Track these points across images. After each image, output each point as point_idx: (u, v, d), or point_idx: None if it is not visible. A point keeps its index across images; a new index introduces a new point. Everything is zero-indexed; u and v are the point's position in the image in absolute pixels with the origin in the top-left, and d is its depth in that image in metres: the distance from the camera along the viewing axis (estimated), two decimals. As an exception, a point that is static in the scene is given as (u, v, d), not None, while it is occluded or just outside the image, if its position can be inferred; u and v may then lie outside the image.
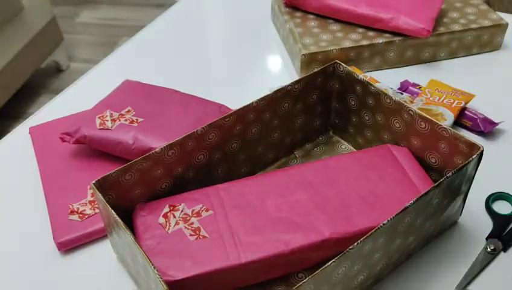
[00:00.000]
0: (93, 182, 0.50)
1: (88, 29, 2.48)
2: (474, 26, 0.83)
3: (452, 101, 0.71)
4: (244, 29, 0.96)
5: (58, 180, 0.64)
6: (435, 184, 0.48)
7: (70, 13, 2.57)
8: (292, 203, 0.54)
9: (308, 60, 0.79)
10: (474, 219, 0.59)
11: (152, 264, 0.42)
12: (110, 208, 0.47)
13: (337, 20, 0.85)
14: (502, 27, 0.84)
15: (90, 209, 0.60)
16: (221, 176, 0.61)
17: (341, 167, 0.58)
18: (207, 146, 0.58)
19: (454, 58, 0.86)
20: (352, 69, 0.64)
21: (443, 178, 0.49)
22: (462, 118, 0.71)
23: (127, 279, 0.55)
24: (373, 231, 0.45)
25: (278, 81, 0.76)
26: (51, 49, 2.07)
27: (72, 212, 0.60)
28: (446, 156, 0.56)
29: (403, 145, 0.61)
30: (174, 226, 0.52)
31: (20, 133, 0.73)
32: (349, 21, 0.84)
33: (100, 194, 0.48)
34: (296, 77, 0.82)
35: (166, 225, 0.52)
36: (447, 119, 0.69)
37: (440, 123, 0.55)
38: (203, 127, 0.56)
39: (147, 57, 0.90)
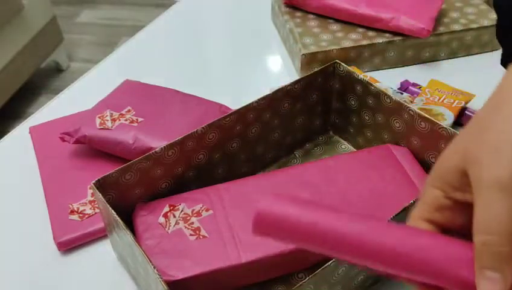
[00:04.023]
0: (93, 181, 0.50)
1: (88, 29, 2.48)
2: (474, 26, 0.83)
3: (452, 101, 0.71)
4: (244, 29, 0.95)
5: (58, 180, 0.64)
6: (435, 184, 0.48)
7: (70, 13, 2.57)
8: (292, 203, 0.53)
9: (308, 60, 0.79)
10: (474, 218, 0.59)
11: (152, 264, 0.42)
12: (110, 208, 0.47)
13: (337, 20, 0.85)
14: (502, 27, 0.84)
15: (90, 209, 0.60)
16: (221, 176, 0.61)
17: (341, 166, 0.58)
18: (207, 146, 0.58)
19: (454, 58, 0.86)
20: (352, 68, 0.64)
21: (443, 178, 0.49)
22: (462, 118, 0.71)
23: (127, 279, 0.55)
24: (373, 230, 0.45)
25: (278, 81, 0.76)
26: (51, 49, 2.07)
27: (72, 212, 0.60)
28: (446, 156, 0.56)
29: (403, 145, 0.61)
30: (174, 226, 0.52)
31: (20, 133, 0.73)
32: (349, 21, 0.84)
33: (100, 194, 0.48)
34: (296, 77, 0.82)
35: (166, 224, 0.52)
36: (447, 119, 0.69)
37: (440, 123, 0.55)
38: (203, 127, 0.56)
39: (147, 57, 0.90)
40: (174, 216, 0.53)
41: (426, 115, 0.56)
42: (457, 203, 0.31)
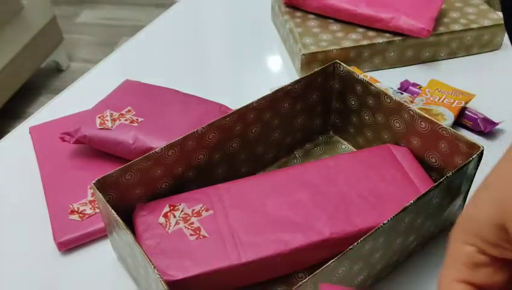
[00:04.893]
0: (94, 181, 0.50)
1: (88, 29, 2.48)
2: (474, 26, 0.83)
3: (452, 101, 0.71)
4: (244, 29, 0.96)
5: (58, 180, 0.64)
6: (435, 184, 0.48)
7: (70, 13, 2.58)
8: (292, 203, 0.54)
9: (308, 60, 0.79)
10: (474, 218, 0.59)
11: (152, 264, 0.42)
12: (110, 208, 0.47)
13: (337, 20, 0.85)
14: (502, 27, 0.84)
15: (91, 209, 0.60)
16: (221, 176, 0.61)
17: (341, 166, 0.58)
18: (207, 146, 0.58)
19: (454, 58, 0.86)
20: (352, 68, 0.64)
21: (443, 178, 0.49)
22: (462, 118, 0.71)
23: (127, 279, 0.55)
24: (373, 231, 0.45)
25: (278, 81, 0.76)
26: (51, 49, 2.07)
27: (72, 212, 0.60)
28: (446, 156, 0.56)
29: (403, 145, 0.61)
30: (174, 226, 0.52)
31: (20, 133, 0.73)
32: (349, 21, 0.84)
33: (100, 194, 0.48)
34: (296, 77, 0.82)
35: (166, 224, 0.52)
36: (447, 119, 0.69)
37: (440, 123, 0.55)
38: (203, 127, 0.56)
39: (147, 57, 0.90)
40: (174, 216, 0.53)
41: (426, 115, 0.56)
42: (496, 259, 0.27)
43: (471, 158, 0.51)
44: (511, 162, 0.28)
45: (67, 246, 0.58)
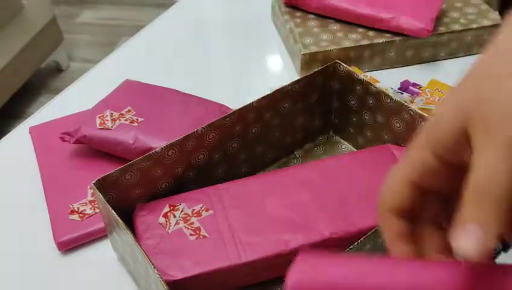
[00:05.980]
0: (94, 181, 0.50)
1: (88, 29, 2.48)
2: (474, 26, 0.83)
3: (452, 101, 0.71)
4: (244, 29, 0.96)
5: (58, 180, 0.64)
6: (435, 184, 0.48)
7: (70, 13, 2.58)
8: (292, 203, 0.54)
9: (308, 59, 0.79)
10: (474, 218, 0.59)
11: (152, 264, 0.42)
12: (110, 208, 0.47)
13: (337, 20, 0.85)
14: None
15: (91, 209, 0.60)
16: (221, 176, 0.61)
17: (341, 166, 0.58)
18: (207, 146, 0.58)
19: (454, 58, 0.86)
20: (352, 68, 0.64)
21: (443, 178, 0.49)
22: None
23: (127, 279, 0.55)
24: (373, 231, 0.45)
25: (278, 81, 0.76)
26: (51, 49, 2.07)
27: (72, 212, 0.60)
28: (446, 156, 0.56)
29: (403, 145, 0.61)
30: (174, 226, 0.52)
31: (20, 133, 0.73)
32: (349, 21, 0.84)
33: (100, 194, 0.48)
34: (296, 76, 0.82)
35: (166, 224, 0.52)
36: (447, 119, 0.69)
37: (440, 123, 0.55)
38: (203, 127, 0.56)
39: (147, 57, 0.90)
40: (174, 216, 0.53)
41: (426, 115, 0.56)
42: (447, 167, 0.28)
43: (471, 158, 0.51)
44: (478, 65, 0.27)
45: (67, 246, 0.58)
